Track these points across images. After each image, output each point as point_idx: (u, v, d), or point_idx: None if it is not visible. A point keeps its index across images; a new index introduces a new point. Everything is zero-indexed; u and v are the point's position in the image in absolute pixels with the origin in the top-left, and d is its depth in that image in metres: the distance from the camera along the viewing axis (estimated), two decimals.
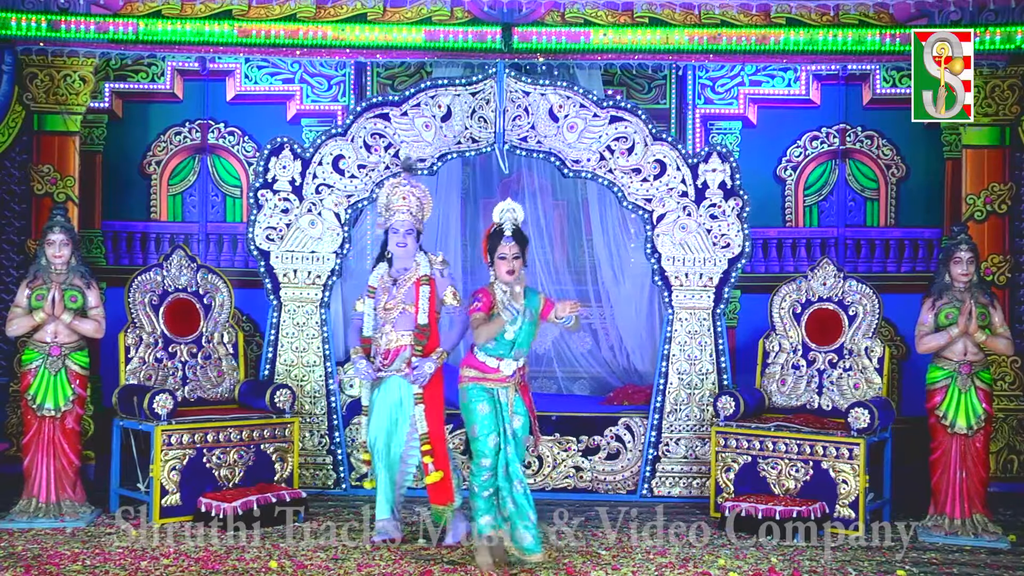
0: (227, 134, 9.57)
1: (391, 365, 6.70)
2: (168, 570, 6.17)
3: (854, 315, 8.00)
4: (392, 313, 6.71)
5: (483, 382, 6.21)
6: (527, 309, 6.19)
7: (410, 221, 6.77)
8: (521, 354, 6.24)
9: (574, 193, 9.40)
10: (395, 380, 6.71)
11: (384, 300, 6.73)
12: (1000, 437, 8.52)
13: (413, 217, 6.78)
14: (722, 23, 8.73)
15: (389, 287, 6.75)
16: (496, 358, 6.20)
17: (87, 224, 9.24)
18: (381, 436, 6.78)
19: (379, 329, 6.74)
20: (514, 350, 6.20)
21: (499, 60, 8.38)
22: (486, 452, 6.19)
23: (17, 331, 7.34)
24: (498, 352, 6.19)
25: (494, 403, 6.21)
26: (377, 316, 6.75)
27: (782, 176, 9.60)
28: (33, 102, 8.66)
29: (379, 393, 6.77)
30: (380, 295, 6.76)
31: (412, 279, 6.74)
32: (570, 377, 9.33)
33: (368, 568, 6.25)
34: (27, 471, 7.35)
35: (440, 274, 6.79)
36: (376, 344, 6.76)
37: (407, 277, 6.75)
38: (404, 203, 6.78)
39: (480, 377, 6.22)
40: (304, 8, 8.73)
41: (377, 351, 6.75)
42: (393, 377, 6.71)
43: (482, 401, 6.20)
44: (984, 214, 8.76)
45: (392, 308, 6.72)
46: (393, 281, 6.76)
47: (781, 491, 7.48)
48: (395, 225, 6.76)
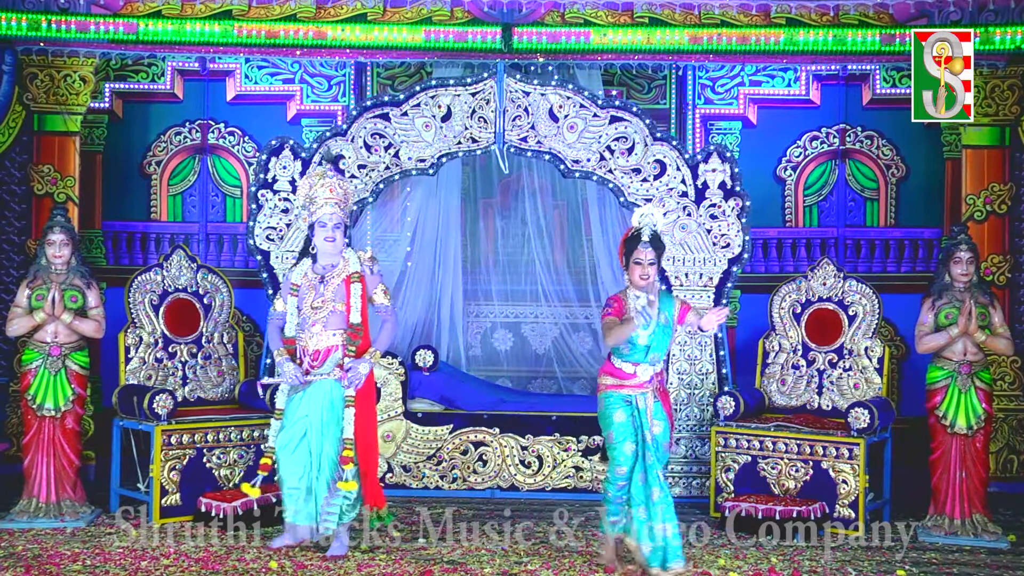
0: (227, 134, 9.57)
1: (321, 367, 6.41)
2: (168, 570, 6.18)
3: (854, 315, 8.00)
4: (321, 312, 6.38)
5: (621, 389, 6.17)
6: (661, 313, 6.14)
7: (338, 214, 6.43)
8: (657, 359, 6.18)
9: (574, 193, 9.39)
10: (325, 383, 6.39)
11: (310, 298, 6.39)
12: (1000, 437, 8.52)
13: (340, 210, 6.44)
14: (722, 23, 8.73)
15: (315, 284, 6.41)
16: (632, 363, 6.15)
17: (87, 224, 9.24)
18: (295, 442, 6.35)
19: (307, 329, 6.39)
20: (649, 355, 6.15)
21: (499, 60, 8.38)
22: (621, 460, 6.14)
23: (17, 331, 7.34)
24: (633, 358, 6.15)
25: (631, 411, 6.16)
26: (303, 315, 6.41)
27: (782, 176, 9.60)
28: (33, 102, 8.66)
29: (304, 396, 6.40)
30: (305, 293, 6.42)
31: (341, 276, 6.43)
32: (570, 377, 9.33)
33: (368, 568, 6.25)
34: (27, 471, 7.35)
35: (370, 271, 6.49)
36: (303, 345, 6.41)
37: (335, 274, 6.44)
38: (331, 195, 6.44)
39: (618, 384, 6.18)
40: (304, 8, 8.73)
41: (304, 352, 6.40)
42: (323, 380, 6.40)
43: (618, 409, 6.16)
44: (984, 214, 8.76)
45: (321, 307, 6.38)
46: (320, 278, 6.43)
47: (781, 491, 7.48)
48: (322, 219, 6.40)
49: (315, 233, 6.46)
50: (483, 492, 8.20)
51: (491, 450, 8.24)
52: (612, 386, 6.19)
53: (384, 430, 8.24)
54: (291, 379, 6.40)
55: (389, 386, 8.29)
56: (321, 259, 6.50)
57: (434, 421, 8.29)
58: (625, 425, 6.14)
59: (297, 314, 6.46)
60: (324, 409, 6.40)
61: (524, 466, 8.24)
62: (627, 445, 6.14)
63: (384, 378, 8.28)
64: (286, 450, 6.39)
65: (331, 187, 6.47)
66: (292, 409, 6.44)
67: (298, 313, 6.46)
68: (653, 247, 6.11)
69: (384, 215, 9.20)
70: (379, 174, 8.26)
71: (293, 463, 6.38)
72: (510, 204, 9.49)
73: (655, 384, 6.18)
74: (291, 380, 6.41)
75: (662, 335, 6.16)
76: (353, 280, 6.45)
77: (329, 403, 6.40)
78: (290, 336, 6.51)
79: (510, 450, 8.23)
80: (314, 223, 6.45)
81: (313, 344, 6.40)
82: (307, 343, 6.41)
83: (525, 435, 8.23)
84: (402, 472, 8.24)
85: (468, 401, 8.43)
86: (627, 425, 6.14)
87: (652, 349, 6.14)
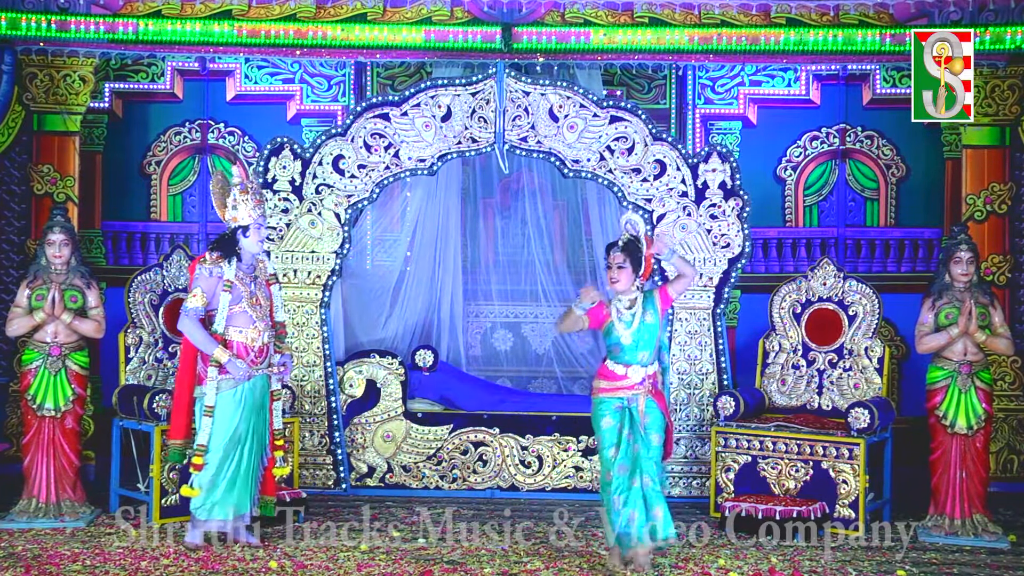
0: (227, 134, 9.57)
1: (263, 363, 6.71)
2: (168, 570, 6.17)
3: (854, 315, 8.00)
4: (263, 310, 6.73)
5: (614, 393, 6.19)
6: (646, 312, 6.18)
7: (263, 217, 6.80)
8: (647, 358, 6.20)
9: (574, 193, 9.39)
10: (260, 378, 6.71)
11: (248, 296, 6.67)
12: (1000, 437, 8.52)
13: (261, 213, 6.78)
14: (722, 23, 8.73)
15: (248, 284, 6.72)
16: (623, 365, 6.19)
17: (87, 224, 9.24)
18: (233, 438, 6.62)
19: (253, 326, 6.66)
20: (638, 353, 6.17)
21: (499, 60, 8.38)
22: (607, 465, 6.18)
23: (17, 331, 7.34)
24: (623, 359, 6.18)
25: (621, 416, 6.18)
26: (247, 312, 6.65)
27: (782, 176, 9.60)
28: (33, 102, 8.66)
29: (242, 392, 6.63)
30: (240, 291, 6.66)
31: (263, 277, 6.84)
32: (570, 377, 9.32)
33: (368, 568, 6.25)
34: (27, 471, 7.35)
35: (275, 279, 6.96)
36: (248, 341, 6.66)
37: (257, 274, 6.80)
38: (258, 199, 6.78)
39: (610, 388, 6.21)
40: (304, 8, 8.73)
41: (248, 348, 6.66)
42: (260, 376, 6.71)
43: (606, 415, 6.20)
44: (984, 214, 8.76)
45: (262, 305, 6.73)
46: (252, 278, 6.75)
47: (781, 491, 7.48)
48: (258, 221, 6.73)
49: (248, 235, 6.71)
50: (483, 492, 8.20)
51: (491, 450, 8.24)
52: (604, 390, 6.23)
53: (384, 430, 8.25)
54: (244, 374, 6.62)
55: (389, 386, 8.29)
56: (245, 259, 6.76)
57: (434, 421, 8.29)
58: (612, 431, 6.18)
59: (227, 310, 6.64)
60: (257, 404, 6.69)
61: (524, 466, 8.24)
62: (612, 451, 6.18)
63: (384, 378, 8.29)
64: (227, 446, 6.61)
65: (256, 190, 6.81)
66: (228, 406, 6.62)
67: (228, 309, 6.64)
68: (623, 251, 6.18)
69: (384, 215, 9.20)
70: (379, 174, 8.25)
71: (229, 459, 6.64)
72: (510, 204, 9.49)
73: (647, 386, 6.20)
74: (243, 376, 6.62)
75: (648, 333, 6.20)
76: (272, 282, 6.89)
77: (262, 397, 6.72)
78: (217, 332, 6.67)
79: (510, 450, 8.23)
80: (249, 226, 6.71)
81: (260, 341, 6.69)
82: (253, 340, 6.67)
83: (525, 435, 8.23)
84: (402, 472, 8.24)
85: (468, 401, 8.43)
86: (614, 431, 6.18)
87: (640, 348, 6.18)
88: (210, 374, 6.58)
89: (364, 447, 8.26)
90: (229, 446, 6.61)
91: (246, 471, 6.67)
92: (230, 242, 6.72)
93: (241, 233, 6.72)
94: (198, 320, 6.65)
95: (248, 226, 6.71)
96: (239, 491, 6.65)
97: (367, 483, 8.25)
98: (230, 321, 6.65)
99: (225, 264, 6.66)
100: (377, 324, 8.95)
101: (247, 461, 6.67)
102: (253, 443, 6.69)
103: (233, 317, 6.65)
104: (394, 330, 8.93)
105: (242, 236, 6.72)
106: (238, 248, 6.72)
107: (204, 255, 6.75)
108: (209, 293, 6.64)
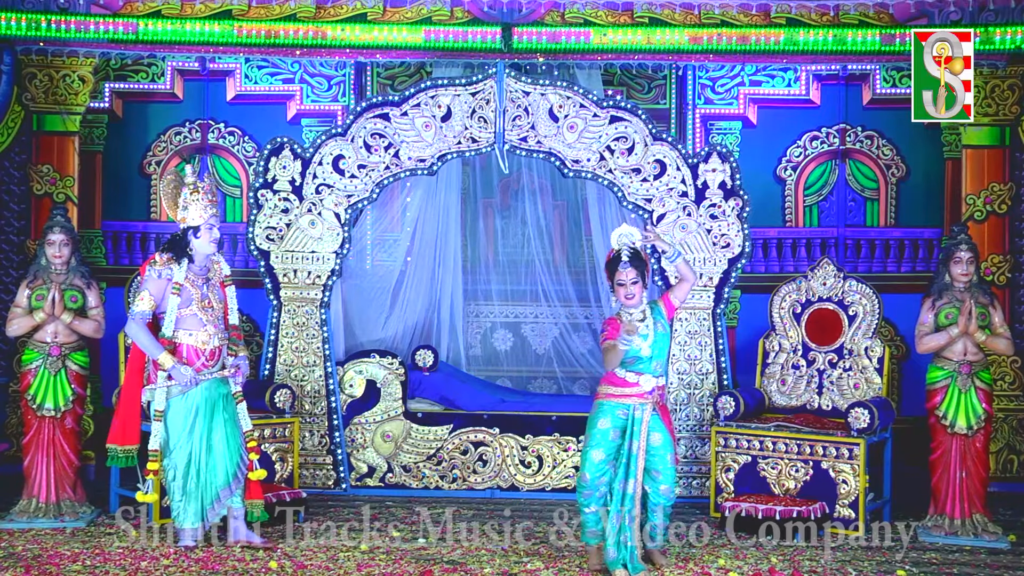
0: (227, 134, 9.57)
1: (215, 366, 6.65)
2: (168, 570, 6.18)
3: (854, 315, 8.00)
4: (215, 312, 6.67)
5: (620, 399, 6.17)
6: (657, 322, 6.19)
7: (216, 217, 6.72)
8: (659, 367, 6.21)
9: (574, 193, 9.39)
10: (213, 381, 6.63)
11: (199, 299, 6.62)
12: (1000, 437, 8.51)
13: (213, 213, 6.71)
14: (722, 23, 8.73)
15: (200, 286, 6.67)
16: (636, 373, 6.17)
17: (87, 224, 9.24)
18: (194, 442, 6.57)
19: (204, 328, 6.61)
20: (653, 363, 6.17)
21: (499, 60, 8.38)
22: (586, 466, 6.18)
23: (17, 331, 7.34)
24: (637, 368, 6.17)
25: (619, 423, 6.16)
26: (197, 315, 6.60)
27: (782, 176, 9.60)
28: (32, 102, 8.65)
29: (194, 396, 6.57)
30: (191, 293, 6.60)
31: (218, 279, 6.77)
32: (570, 377, 9.33)
33: (368, 568, 6.25)
34: (27, 471, 7.35)
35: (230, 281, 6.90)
36: (198, 344, 6.61)
37: (210, 275, 6.74)
38: (211, 199, 6.72)
39: (616, 394, 6.18)
40: (304, 8, 8.73)
41: (199, 352, 6.61)
42: (214, 380, 6.63)
43: (605, 417, 6.18)
44: (984, 214, 8.76)
45: (215, 308, 6.68)
46: (204, 280, 6.69)
47: (781, 491, 7.48)
48: (210, 221, 6.67)
49: (203, 235, 6.65)
50: (483, 492, 8.20)
51: (491, 450, 8.24)
52: (609, 395, 6.21)
53: (384, 430, 8.25)
54: (191, 381, 6.54)
55: (389, 386, 8.29)
56: (198, 260, 6.70)
57: (434, 421, 8.30)
58: (604, 433, 6.16)
59: (176, 312, 6.59)
60: (211, 406, 6.60)
61: (524, 466, 8.24)
62: (596, 453, 6.16)
63: (384, 378, 8.29)
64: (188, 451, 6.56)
65: (210, 190, 6.75)
66: (179, 411, 6.57)
67: (177, 312, 6.59)
68: (633, 266, 6.15)
69: (384, 215, 9.20)
70: (379, 174, 8.25)
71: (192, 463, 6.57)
72: (510, 204, 9.49)
73: (655, 396, 6.18)
74: (190, 383, 6.54)
75: (662, 343, 6.23)
76: (227, 284, 6.83)
77: (218, 399, 6.62)
78: (166, 336, 6.61)
79: (510, 450, 8.23)
80: (200, 226, 6.65)
81: (212, 344, 6.63)
82: (204, 343, 6.61)
83: (525, 435, 8.23)
84: (402, 472, 8.25)
85: (468, 401, 8.43)
86: (606, 434, 6.16)
87: (655, 358, 6.19)
88: (159, 379, 6.54)
89: (364, 447, 8.27)
90: (191, 450, 6.56)
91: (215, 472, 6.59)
92: (181, 243, 6.67)
93: (192, 234, 6.66)
94: (145, 324, 6.58)
95: (199, 227, 6.64)
96: (211, 493, 6.60)
97: (367, 483, 8.26)
98: (179, 324, 6.60)
99: (175, 266, 6.62)
100: (377, 324, 8.94)
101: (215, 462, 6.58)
102: (218, 445, 6.59)
103: (182, 320, 6.60)
104: (394, 330, 8.93)
105: (193, 237, 6.66)
106: (189, 249, 6.66)
107: (154, 256, 6.70)
108: (157, 296, 6.60)
